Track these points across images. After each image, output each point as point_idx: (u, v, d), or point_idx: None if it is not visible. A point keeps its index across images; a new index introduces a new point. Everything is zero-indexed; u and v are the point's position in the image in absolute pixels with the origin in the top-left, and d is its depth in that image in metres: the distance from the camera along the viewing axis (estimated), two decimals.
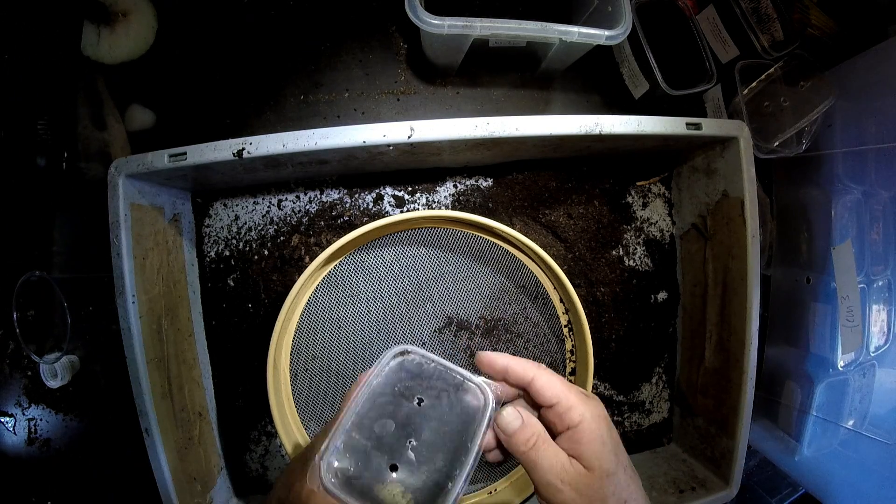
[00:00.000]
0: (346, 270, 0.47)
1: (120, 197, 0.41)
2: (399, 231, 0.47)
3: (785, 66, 0.57)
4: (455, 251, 0.48)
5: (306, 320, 0.47)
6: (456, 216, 0.44)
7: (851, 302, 0.54)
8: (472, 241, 0.48)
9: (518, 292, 0.50)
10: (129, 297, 0.41)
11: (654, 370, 0.59)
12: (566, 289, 0.46)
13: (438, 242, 0.48)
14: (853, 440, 0.56)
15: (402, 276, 0.48)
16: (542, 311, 0.50)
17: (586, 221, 0.56)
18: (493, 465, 0.38)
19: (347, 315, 0.48)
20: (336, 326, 0.47)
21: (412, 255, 0.48)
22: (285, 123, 0.55)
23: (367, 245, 0.47)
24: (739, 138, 0.48)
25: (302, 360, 0.47)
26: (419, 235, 0.48)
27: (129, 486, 0.53)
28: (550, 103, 0.59)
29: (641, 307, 0.58)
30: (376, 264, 0.47)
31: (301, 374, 0.48)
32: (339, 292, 0.47)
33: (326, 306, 0.47)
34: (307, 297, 0.47)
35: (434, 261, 0.48)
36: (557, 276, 0.46)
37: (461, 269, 0.49)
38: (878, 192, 0.56)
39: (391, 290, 0.48)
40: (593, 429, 0.30)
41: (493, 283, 0.49)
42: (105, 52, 0.51)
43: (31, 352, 0.49)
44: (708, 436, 0.54)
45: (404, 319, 0.48)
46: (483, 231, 0.48)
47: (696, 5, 0.59)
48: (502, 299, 0.50)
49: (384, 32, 0.56)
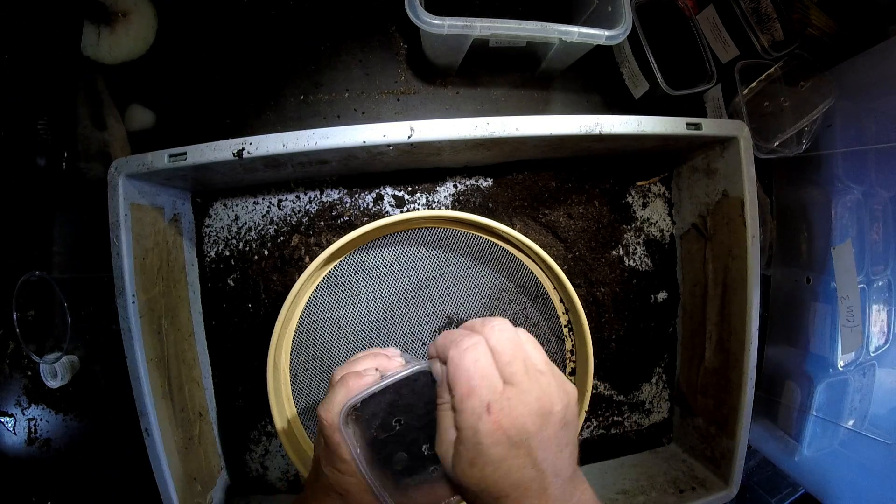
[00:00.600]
0: (346, 270, 0.47)
1: (120, 197, 0.41)
2: (399, 231, 0.47)
3: (785, 66, 0.57)
4: (455, 251, 0.48)
5: (306, 320, 0.47)
6: (456, 216, 0.44)
7: (851, 302, 0.54)
8: (472, 241, 0.48)
9: (518, 292, 0.50)
10: (129, 297, 0.41)
11: (654, 370, 0.59)
12: (566, 289, 0.46)
13: (438, 242, 0.48)
14: (853, 440, 0.56)
15: (402, 276, 0.48)
16: (542, 311, 0.50)
17: (586, 221, 0.56)
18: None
19: (347, 315, 0.48)
20: (336, 326, 0.47)
21: (412, 255, 0.48)
22: (285, 123, 0.55)
23: (368, 245, 0.47)
24: (739, 138, 0.48)
25: (302, 359, 0.47)
26: (419, 235, 0.48)
27: (129, 486, 0.53)
28: (550, 103, 0.59)
29: (641, 307, 0.58)
30: (376, 264, 0.48)
31: (301, 374, 0.48)
32: (340, 292, 0.47)
33: (326, 306, 0.47)
34: (307, 296, 0.47)
35: (434, 261, 0.48)
36: (557, 276, 0.46)
37: (461, 269, 0.49)
38: (878, 192, 0.56)
39: (391, 289, 0.48)
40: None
41: (493, 283, 0.49)
42: (105, 52, 0.51)
43: (31, 352, 0.49)
44: (708, 436, 0.54)
45: (404, 319, 0.48)
46: (483, 231, 0.48)
47: (696, 5, 0.58)
48: (502, 299, 0.50)
49: (384, 32, 0.56)
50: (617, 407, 0.58)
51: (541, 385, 0.27)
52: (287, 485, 0.53)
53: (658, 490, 0.52)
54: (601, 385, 0.57)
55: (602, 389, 0.58)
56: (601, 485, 0.53)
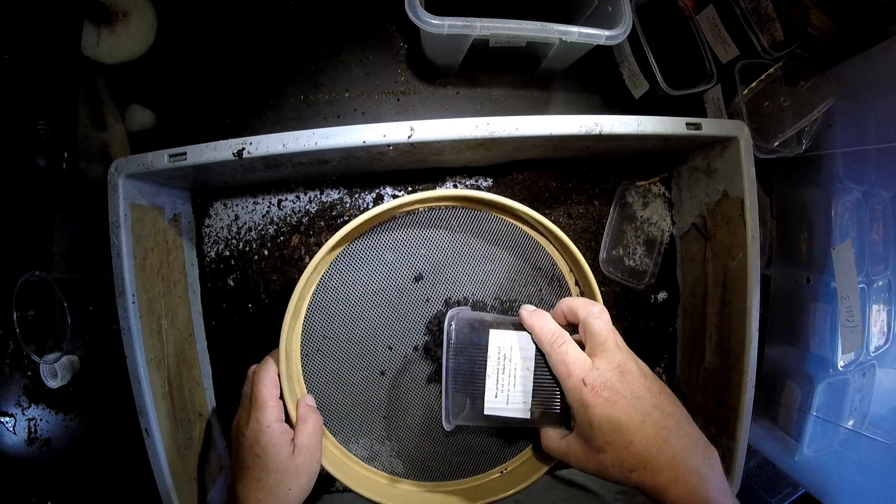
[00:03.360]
0: (360, 250, 0.46)
1: (120, 197, 0.41)
2: (416, 210, 0.46)
3: (785, 66, 0.57)
4: (471, 232, 0.48)
5: (318, 300, 0.46)
6: (473, 195, 0.44)
7: (851, 302, 0.54)
8: (489, 221, 0.48)
9: (534, 274, 0.49)
10: (129, 297, 0.41)
11: (654, 370, 0.59)
12: (582, 269, 0.45)
13: (454, 223, 0.48)
14: (853, 440, 0.55)
15: (417, 256, 0.47)
16: (559, 294, 0.50)
17: (586, 221, 0.56)
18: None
19: (361, 295, 0.47)
20: (350, 305, 0.46)
21: (427, 236, 0.47)
22: (285, 123, 0.55)
23: (383, 226, 0.46)
24: (739, 138, 0.48)
25: (314, 340, 0.47)
26: (435, 216, 0.47)
27: (129, 486, 0.53)
28: (550, 103, 0.59)
29: (641, 307, 0.58)
30: (391, 244, 0.47)
31: (313, 355, 0.47)
32: (353, 273, 0.46)
33: (340, 285, 0.46)
34: (320, 276, 0.46)
35: (449, 242, 0.48)
36: (574, 256, 0.45)
37: (477, 251, 0.48)
38: (878, 192, 0.56)
39: (405, 270, 0.47)
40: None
41: (509, 265, 0.49)
42: (105, 52, 0.51)
43: (31, 352, 0.49)
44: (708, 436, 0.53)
45: (419, 299, 0.48)
46: (500, 211, 0.47)
47: (696, 5, 0.58)
48: (518, 281, 0.49)
49: (384, 32, 0.56)
50: None
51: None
52: None
53: None
54: None
55: None
56: (601, 485, 0.53)
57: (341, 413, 0.47)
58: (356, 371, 0.47)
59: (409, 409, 0.48)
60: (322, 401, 0.46)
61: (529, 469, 0.47)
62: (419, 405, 0.48)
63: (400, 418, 0.48)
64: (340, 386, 0.47)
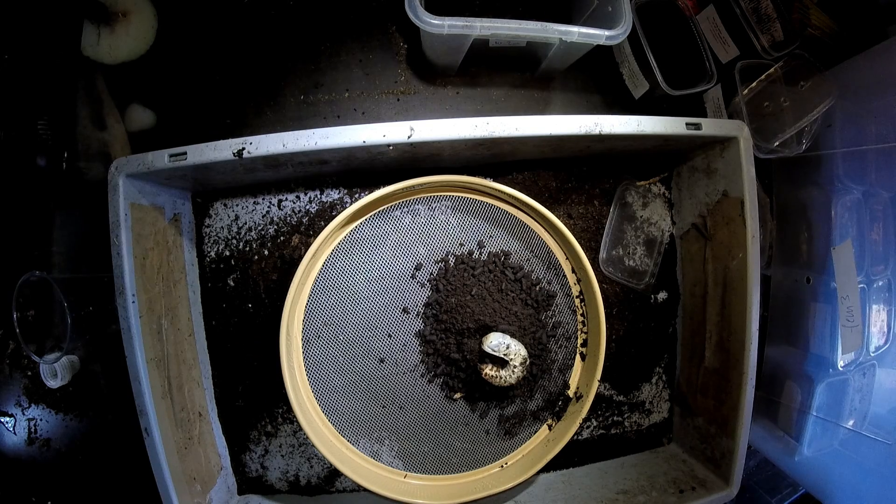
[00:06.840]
0: (361, 236, 0.47)
1: (120, 197, 0.41)
2: (419, 195, 0.48)
3: (785, 66, 0.57)
4: (471, 216, 0.50)
5: (320, 286, 0.47)
6: (472, 182, 0.45)
7: (851, 302, 0.54)
8: (488, 209, 0.50)
9: (533, 260, 0.51)
10: (129, 297, 0.41)
11: (654, 370, 0.59)
12: (578, 257, 0.46)
13: (455, 209, 0.49)
14: (853, 440, 0.55)
15: (419, 240, 0.49)
16: (555, 281, 0.51)
17: (586, 221, 0.56)
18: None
19: (362, 281, 0.48)
20: (351, 291, 0.48)
21: (427, 222, 0.49)
22: (285, 123, 0.55)
23: (383, 210, 0.47)
24: (739, 138, 0.48)
25: (314, 326, 0.48)
26: (435, 202, 0.49)
27: (129, 486, 0.53)
28: (550, 103, 0.59)
29: (641, 307, 0.58)
30: (393, 230, 0.48)
31: (313, 341, 0.48)
32: (354, 258, 0.48)
33: (342, 271, 0.47)
34: (321, 262, 0.46)
35: (450, 227, 0.49)
36: (570, 243, 0.46)
37: (476, 235, 0.50)
38: (878, 192, 0.56)
39: (407, 255, 0.49)
40: None
41: (507, 250, 0.51)
42: (105, 52, 0.51)
43: (31, 352, 0.49)
44: (708, 436, 0.54)
45: (418, 284, 0.49)
46: (499, 199, 0.49)
47: (696, 5, 0.58)
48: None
49: (384, 32, 0.56)
50: (617, 407, 0.58)
51: None
52: (287, 485, 0.53)
53: (658, 490, 0.52)
54: (601, 385, 0.57)
55: (602, 389, 0.58)
56: (601, 485, 0.53)
57: (343, 404, 0.48)
58: (357, 359, 0.48)
59: (408, 403, 0.49)
60: (322, 387, 0.47)
61: (528, 464, 0.49)
62: (419, 398, 0.49)
63: (401, 412, 0.49)
64: (342, 373, 0.48)
